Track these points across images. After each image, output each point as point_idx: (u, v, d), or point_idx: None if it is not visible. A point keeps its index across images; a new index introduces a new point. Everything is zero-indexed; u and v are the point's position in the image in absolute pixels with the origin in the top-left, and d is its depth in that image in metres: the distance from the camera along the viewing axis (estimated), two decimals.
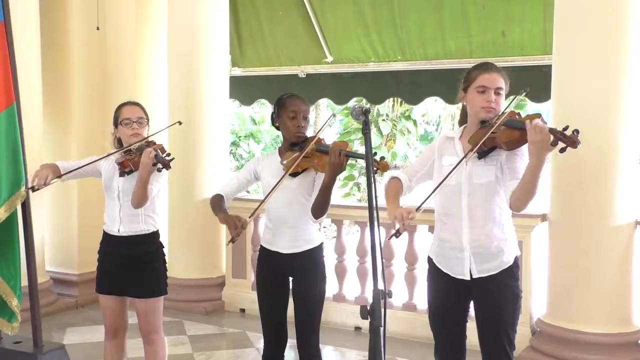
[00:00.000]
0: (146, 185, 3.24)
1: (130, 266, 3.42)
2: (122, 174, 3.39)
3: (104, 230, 3.53)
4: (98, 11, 6.03)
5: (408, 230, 5.14)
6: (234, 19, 6.86)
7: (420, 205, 2.68)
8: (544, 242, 4.61)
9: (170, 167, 3.19)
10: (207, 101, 5.93)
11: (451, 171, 2.72)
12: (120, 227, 3.42)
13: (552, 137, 2.48)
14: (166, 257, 3.61)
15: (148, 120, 3.49)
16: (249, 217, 3.06)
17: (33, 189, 3.39)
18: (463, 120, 2.96)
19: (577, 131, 2.47)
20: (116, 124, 3.46)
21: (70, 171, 3.47)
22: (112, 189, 3.44)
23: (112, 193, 3.45)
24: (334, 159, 2.91)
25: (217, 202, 3.27)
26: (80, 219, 6.15)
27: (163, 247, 3.58)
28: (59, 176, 3.42)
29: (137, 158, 3.28)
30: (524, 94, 2.80)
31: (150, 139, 3.43)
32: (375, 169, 2.81)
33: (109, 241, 3.50)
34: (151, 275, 3.46)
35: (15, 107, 3.79)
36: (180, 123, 3.73)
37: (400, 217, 2.65)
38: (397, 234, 2.65)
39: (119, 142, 3.49)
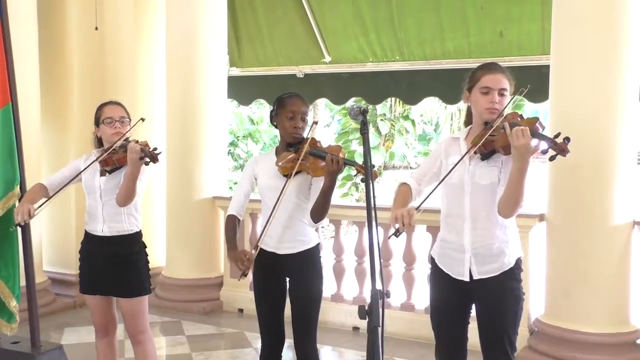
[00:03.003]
0: (135, 181, 3.22)
1: (114, 266, 3.41)
2: (102, 173, 3.38)
3: (85, 230, 3.52)
4: (96, 11, 6.03)
5: (407, 231, 5.19)
6: (232, 19, 6.86)
7: (420, 206, 2.69)
8: (542, 242, 4.61)
9: (158, 160, 3.17)
10: (206, 101, 5.93)
11: (450, 170, 2.73)
12: (104, 227, 3.42)
13: (544, 144, 2.49)
14: (149, 257, 3.59)
15: (130, 120, 3.48)
16: (254, 250, 3.08)
17: (20, 225, 3.40)
18: (468, 120, 2.95)
19: (567, 139, 2.48)
20: (97, 123, 3.45)
21: (58, 190, 3.47)
22: (93, 188, 3.42)
23: (93, 193, 3.43)
24: (332, 168, 2.91)
25: (231, 234, 3.21)
26: (78, 218, 6.13)
27: (146, 247, 3.57)
28: (47, 199, 3.44)
29: (120, 155, 3.27)
30: (523, 93, 2.81)
31: (131, 137, 3.39)
32: (363, 177, 2.82)
33: (91, 241, 3.50)
34: (135, 275, 3.46)
35: (10, 107, 3.79)
36: (143, 120, 3.47)
37: (401, 216, 2.64)
38: (397, 233, 2.65)
39: (99, 142, 3.48)
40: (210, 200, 5.98)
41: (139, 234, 3.51)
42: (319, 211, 3.06)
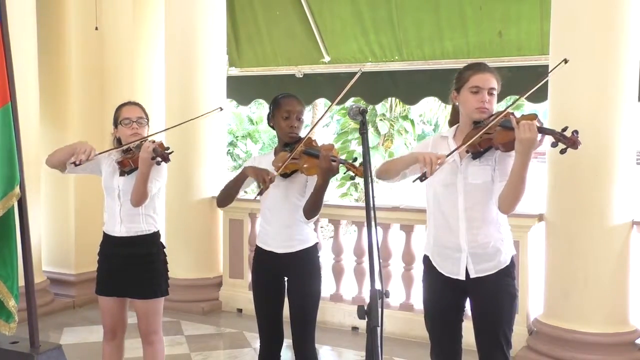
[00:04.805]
0: (146, 181, 3.22)
1: (131, 267, 3.40)
2: (122, 174, 3.39)
3: (103, 232, 3.52)
4: (96, 11, 6.03)
5: (406, 231, 5.21)
6: (231, 19, 6.86)
7: (450, 154, 2.67)
8: (541, 242, 4.61)
9: (169, 160, 3.17)
10: (205, 101, 5.92)
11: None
12: (121, 227, 3.41)
13: (552, 138, 2.49)
14: (167, 258, 3.59)
15: (148, 120, 3.49)
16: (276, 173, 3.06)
17: (75, 164, 3.30)
18: (454, 120, 2.96)
19: (576, 132, 2.48)
20: (116, 124, 3.46)
21: (101, 153, 3.39)
22: (112, 188, 3.43)
23: (112, 193, 3.44)
24: (325, 164, 2.92)
25: (227, 185, 3.29)
26: (78, 219, 6.15)
27: (164, 247, 3.57)
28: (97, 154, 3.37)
29: (137, 156, 3.28)
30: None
31: (150, 138, 3.41)
32: (353, 174, 2.86)
33: (109, 242, 3.49)
34: (152, 276, 3.45)
35: (10, 107, 3.78)
36: (221, 109, 3.94)
37: (430, 160, 2.60)
38: (423, 177, 2.62)
39: (118, 142, 3.48)
40: (209, 201, 5.97)
41: (156, 235, 3.51)
42: (311, 208, 3.08)
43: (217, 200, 3.36)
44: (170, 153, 3.18)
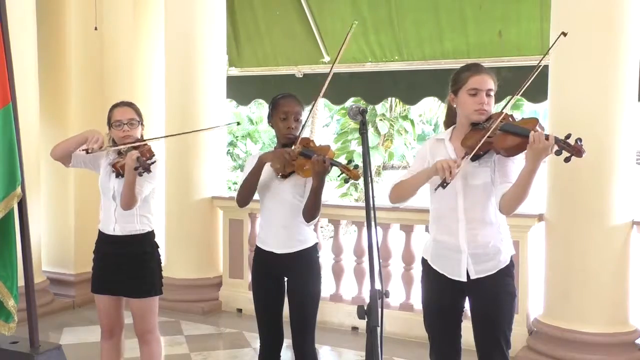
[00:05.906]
0: (132, 186, 3.24)
1: (126, 266, 3.42)
2: (117, 175, 3.40)
3: (99, 230, 3.53)
4: (96, 11, 6.03)
5: (406, 231, 5.21)
6: (231, 19, 6.86)
7: (464, 157, 2.65)
8: (541, 242, 4.61)
9: (150, 171, 3.16)
10: (205, 101, 5.93)
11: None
12: (116, 226, 3.43)
13: (555, 146, 2.48)
14: (161, 257, 3.60)
15: (141, 120, 3.48)
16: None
17: (87, 152, 3.36)
18: (449, 121, 2.96)
19: (580, 139, 2.48)
20: (109, 125, 3.47)
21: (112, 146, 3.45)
22: (108, 189, 3.45)
23: (108, 193, 3.46)
24: (317, 168, 2.92)
25: (244, 182, 3.22)
26: (77, 219, 6.15)
27: (158, 247, 3.58)
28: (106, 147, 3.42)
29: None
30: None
31: (143, 141, 3.41)
32: (347, 177, 2.86)
33: (104, 241, 3.51)
34: (146, 275, 3.46)
35: (11, 107, 3.78)
36: (238, 124, 4.43)
37: (447, 166, 2.59)
38: (445, 184, 2.61)
39: (114, 143, 3.50)
40: (209, 200, 5.98)
41: (151, 234, 3.52)
42: (310, 211, 3.08)
43: (237, 200, 3.25)
44: (153, 163, 3.17)
